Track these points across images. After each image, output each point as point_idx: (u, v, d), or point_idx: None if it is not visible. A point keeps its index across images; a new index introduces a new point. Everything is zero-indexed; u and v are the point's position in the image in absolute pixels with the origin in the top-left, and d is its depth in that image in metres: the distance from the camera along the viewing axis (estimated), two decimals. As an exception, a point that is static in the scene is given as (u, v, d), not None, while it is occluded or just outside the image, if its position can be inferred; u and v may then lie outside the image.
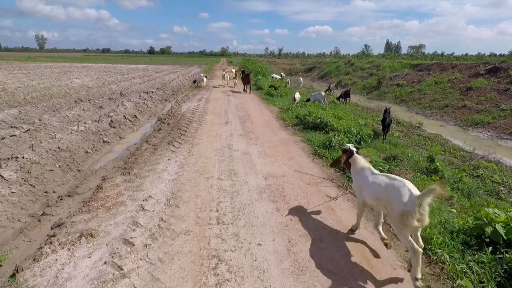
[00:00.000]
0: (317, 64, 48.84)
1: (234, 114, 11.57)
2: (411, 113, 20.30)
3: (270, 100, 15.34)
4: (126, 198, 4.63)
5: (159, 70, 36.71)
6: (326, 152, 7.01)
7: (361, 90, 30.38)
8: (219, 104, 13.54)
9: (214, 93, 17.70)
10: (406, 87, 26.30)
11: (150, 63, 59.35)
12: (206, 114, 11.26)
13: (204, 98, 15.12)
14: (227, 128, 9.34)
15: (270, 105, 14.27)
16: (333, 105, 17.76)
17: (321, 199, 4.80)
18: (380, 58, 50.01)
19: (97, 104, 12.60)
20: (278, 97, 16.71)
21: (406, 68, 31.19)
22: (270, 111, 12.76)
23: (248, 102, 14.50)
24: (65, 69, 33.83)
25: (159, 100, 14.69)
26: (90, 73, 29.21)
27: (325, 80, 39.84)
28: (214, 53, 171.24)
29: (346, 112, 15.46)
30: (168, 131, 8.89)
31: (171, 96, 17.04)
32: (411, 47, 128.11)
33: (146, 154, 6.76)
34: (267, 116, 11.58)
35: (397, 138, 10.70)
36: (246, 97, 16.51)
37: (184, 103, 13.50)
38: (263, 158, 6.63)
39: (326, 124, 9.18)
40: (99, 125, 8.62)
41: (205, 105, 13.23)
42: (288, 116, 11.41)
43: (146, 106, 12.54)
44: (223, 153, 6.86)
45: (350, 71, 37.95)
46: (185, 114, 11.04)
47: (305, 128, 9.64)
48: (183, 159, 6.38)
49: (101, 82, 20.84)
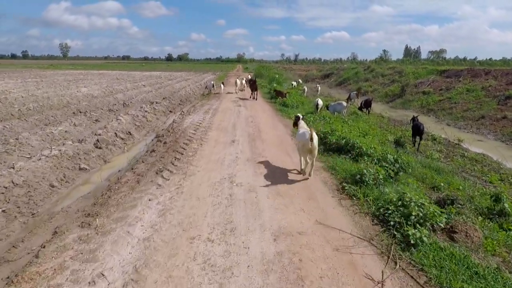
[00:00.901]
0: (335, 70, 46.78)
1: (243, 129, 9.98)
2: (441, 124, 18.14)
3: (285, 112, 13.68)
4: (66, 278, 3.08)
5: (172, 77, 35.84)
6: (357, 189, 5.26)
7: (382, 98, 28.22)
8: (227, 117, 12.01)
9: (224, 102, 16.22)
10: (434, 95, 24.00)
11: (166, 70, 59.07)
12: (211, 130, 9.73)
13: (212, 109, 13.65)
14: (232, 150, 7.73)
15: (285, 117, 12.60)
16: (355, 117, 15.91)
17: (359, 284, 3.09)
18: (403, 63, 47.36)
19: (94, 117, 11.35)
20: (294, 107, 15.02)
21: (432, 74, 28.80)
22: (284, 125, 11.09)
23: (260, 114, 12.90)
24: (80, 77, 33.49)
25: (163, 112, 13.33)
26: (102, 80, 28.56)
27: (343, 87, 37.78)
28: (231, 59, 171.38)
29: (371, 126, 13.58)
30: (161, 153, 7.39)
31: (178, 106, 15.70)
32: (431, 52, 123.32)
33: (124, 189, 5.24)
34: (280, 132, 9.92)
35: (437, 161, 8.77)
36: (258, 107, 14.92)
37: (189, 116, 12.05)
38: (273, 199, 4.96)
39: (353, 146, 7.40)
40: (81, 147, 7.23)
41: (212, 118, 11.73)
42: (305, 133, 9.72)
43: (146, 120, 11.17)
44: (221, 190, 5.24)
45: (369, 77, 35.76)
46: (187, 130, 9.54)
47: (326, 149, 7.90)
48: (168, 201, 4.81)
49: (109, 91, 19.85)
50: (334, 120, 13.01)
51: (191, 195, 5.02)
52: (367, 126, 13.03)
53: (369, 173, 5.41)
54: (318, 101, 15.49)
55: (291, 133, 9.88)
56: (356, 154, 7.19)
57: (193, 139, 8.57)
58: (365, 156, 7.00)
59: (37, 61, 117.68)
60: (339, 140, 7.73)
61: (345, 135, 8.02)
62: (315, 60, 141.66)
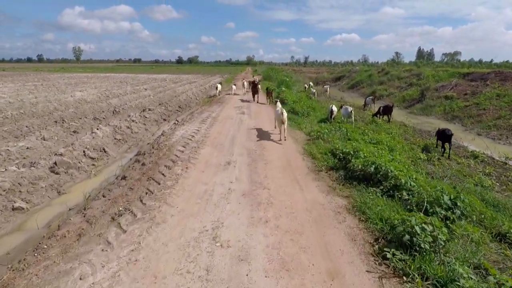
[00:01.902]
0: (346, 73, 44.52)
1: (242, 145, 8.13)
2: (471, 133, 15.89)
3: (294, 121, 11.76)
4: None
5: (178, 80, 34.36)
6: (406, 259, 3.35)
7: (399, 102, 25.95)
8: (226, 128, 10.19)
9: (227, 109, 14.43)
10: (458, 100, 21.66)
11: (174, 73, 57.84)
12: (204, 146, 7.91)
13: (211, 118, 11.85)
14: (225, 177, 5.89)
15: (294, 128, 10.70)
16: (375, 126, 13.88)
17: None
18: (421, 65, 44.71)
19: (72, 128, 9.70)
20: (304, 115, 13.09)
21: (454, 77, 26.38)
22: (294, 138, 9.20)
23: (266, 124, 11.03)
24: (83, 80, 32.35)
25: (155, 121, 11.61)
26: (104, 84, 27.24)
27: (356, 90, 35.58)
28: (240, 62, 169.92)
29: (395, 138, 11.54)
30: (132, 182, 5.61)
31: (175, 113, 13.99)
32: (445, 54, 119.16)
33: (53, 252, 3.46)
34: (288, 149, 8.03)
35: (491, 190, 6.71)
36: (264, 115, 13.06)
37: (183, 126, 10.28)
38: (275, 277, 3.10)
39: (385, 175, 5.46)
40: (29, 173, 5.52)
41: (208, 129, 9.92)
42: (320, 150, 7.79)
43: (131, 132, 9.45)
44: (196, 259, 3.37)
45: (384, 80, 33.46)
46: (174, 146, 7.75)
47: (349, 176, 5.99)
48: (107, 282, 3.00)
49: (104, 96, 18.34)
50: (352, 131, 11.07)
51: (147, 269, 3.18)
52: (391, 138, 11.03)
53: (424, 234, 3.47)
54: (332, 107, 13.55)
55: (302, 150, 7.98)
56: (390, 187, 5.25)
57: (179, 159, 6.77)
58: (403, 191, 5.06)
59: (50, 65, 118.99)
60: (366, 166, 5.77)
61: (373, 158, 6.05)
62: (325, 62, 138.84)
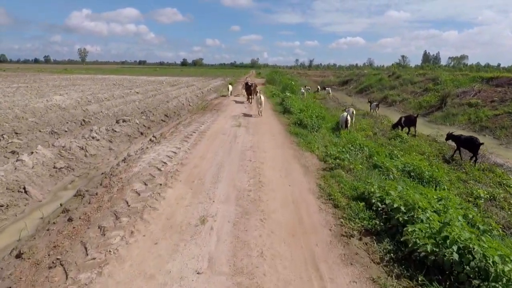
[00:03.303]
0: (354, 76, 41.81)
1: (231, 180, 5.56)
2: (508, 148, 13.27)
3: (302, 137, 9.15)
4: None
5: (176, 83, 31.93)
6: None
7: (416, 109, 23.23)
8: (214, 148, 7.63)
9: (221, 119, 11.89)
10: (484, 107, 18.93)
11: (176, 75, 55.47)
12: (174, 183, 5.35)
13: (199, 132, 9.31)
14: (190, 258, 3.29)
15: (303, 148, 8.10)
16: (400, 141, 11.26)
17: None
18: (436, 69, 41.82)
19: (12, 146, 7.22)
20: (314, 128, 10.47)
21: (476, 82, 23.62)
22: (303, 166, 6.62)
23: (266, 143, 8.44)
24: (75, 82, 30.07)
25: (127, 136, 9.09)
26: (95, 86, 24.88)
27: (365, 95, 32.87)
28: (245, 64, 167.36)
29: (432, 161, 8.92)
30: (20, 274, 3.09)
31: (158, 124, 11.48)
32: (451, 58, 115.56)
33: None
34: (297, 187, 5.45)
35: None
36: (265, 128, 10.49)
37: (158, 145, 7.75)
38: None
39: (483, 270, 2.87)
40: None
41: (190, 150, 7.36)
42: (343, 189, 5.22)
43: (84, 155, 6.92)
44: None
45: (396, 85, 30.74)
46: (131, 183, 5.21)
47: (405, 256, 3.42)
48: None
49: (85, 101, 15.92)
50: (376, 151, 8.50)
51: None
52: (427, 162, 8.40)
53: None
54: (346, 117, 11.04)
55: (317, 189, 5.39)
56: None
57: (127, 213, 4.22)
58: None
59: (55, 66, 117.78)
60: (440, 248, 3.15)
61: (444, 226, 3.42)
62: (330, 65, 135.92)
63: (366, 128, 13.04)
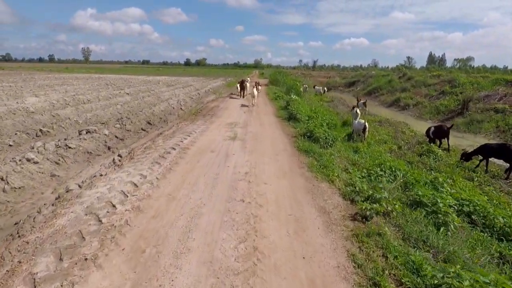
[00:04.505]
0: (361, 78, 39.39)
1: (208, 245, 3.33)
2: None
3: (314, 156, 6.87)
4: None
5: (174, 83, 29.76)
6: None
7: (432, 114, 20.91)
8: (194, 176, 5.39)
9: (213, 127, 9.67)
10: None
11: (178, 75, 53.29)
12: (109, 258, 3.14)
13: (180, 148, 7.08)
14: None
15: (317, 175, 5.78)
16: (434, 159, 8.99)
17: None
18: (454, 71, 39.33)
19: None
20: (328, 143, 8.20)
21: (499, 85, 21.24)
22: (323, 213, 4.36)
23: (266, 165, 6.17)
24: (68, 81, 28.01)
25: (86, 154, 6.88)
26: (84, 86, 22.77)
27: (374, 97, 30.51)
28: (248, 65, 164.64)
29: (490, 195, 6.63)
30: None
31: (136, 134, 9.28)
32: (457, 60, 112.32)
33: None
34: (317, 260, 3.20)
35: None
36: (266, 143, 8.22)
37: (116, 172, 5.54)
38: None
39: None
40: None
41: (159, 180, 5.13)
42: (396, 262, 3.03)
43: (1, 189, 4.74)
44: None
45: (408, 87, 28.34)
46: (31, 263, 3.04)
47: None
48: None
49: (63, 103, 13.81)
50: (414, 178, 6.26)
51: None
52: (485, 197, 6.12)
53: None
54: (364, 124, 8.91)
55: (353, 272, 3.16)
56: None
57: None
58: None
59: (58, 65, 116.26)
60: None
61: None
62: (334, 66, 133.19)
63: (387, 140, 10.76)
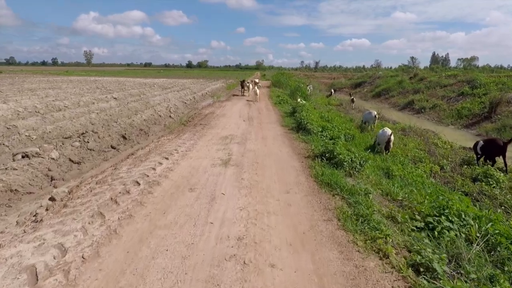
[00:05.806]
0: (367, 79, 37.03)
1: None
2: None
3: (343, 194, 4.63)
4: None
5: (171, 86, 27.54)
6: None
7: (454, 119, 18.53)
8: (142, 258, 3.20)
9: (202, 143, 7.43)
10: (553, 118, 14.26)
11: (177, 77, 51.23)
12: None
13: (146, 183, 4.85)
14: None
15: (356, 240, 3.50)
16: (493, 187, 6.68)
17: None
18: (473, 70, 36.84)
19: None
20: (353, 168, 5.93)
21: (528, 85, 18.86)
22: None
23: (273, 221, 3.91)
24: (57, 85, 25.86)
25: (8, 193, 4.69)
26: (71, 90, 20.65)
27: (384, 99, 28.17)
28: (250, 66, 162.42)
29: None
30: None
31: (101, 153, 7.05)
32: (460, 60, 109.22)
33: None
34: None
35: None
36: (270, 172, 5.93)
37: (22, 238, 3.35)
38: None
39: None
40: None
41: (85, 264, 2.94)
42: None
43: None
44: None
45: (421, 88, 25.93)
46: None
47: None
48: None
49: (33, 111, 11.66)
50: (497, 229, 3.92)
51: None
52: None
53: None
54: (390, 136, 6.67)
55: None
56: None
57: None
58: None
59: (60, 68, 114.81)
60: None
61: None
62: (336, 67, 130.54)
63: (422, 157, 8.42)
